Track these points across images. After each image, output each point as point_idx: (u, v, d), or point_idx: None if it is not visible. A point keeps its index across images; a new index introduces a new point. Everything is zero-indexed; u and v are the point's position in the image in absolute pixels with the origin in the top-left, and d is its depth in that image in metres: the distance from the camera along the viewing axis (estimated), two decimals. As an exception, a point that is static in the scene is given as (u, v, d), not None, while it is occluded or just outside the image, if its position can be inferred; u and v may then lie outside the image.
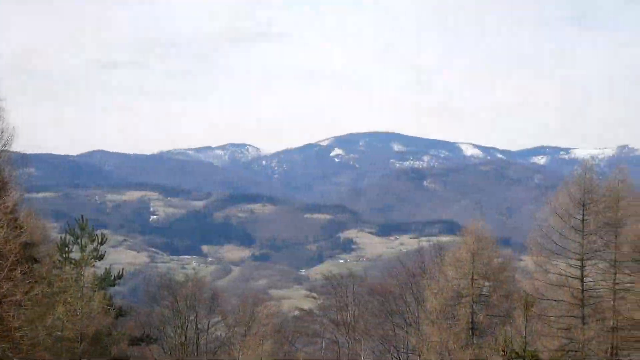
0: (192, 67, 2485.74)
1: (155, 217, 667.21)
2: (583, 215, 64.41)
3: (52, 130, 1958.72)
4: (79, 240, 78.98)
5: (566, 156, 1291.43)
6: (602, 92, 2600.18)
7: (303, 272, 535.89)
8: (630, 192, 64.71)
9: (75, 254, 78.44)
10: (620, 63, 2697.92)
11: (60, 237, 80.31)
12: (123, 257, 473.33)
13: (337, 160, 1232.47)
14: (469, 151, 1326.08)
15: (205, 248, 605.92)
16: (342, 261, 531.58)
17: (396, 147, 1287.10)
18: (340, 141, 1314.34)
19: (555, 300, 65.46)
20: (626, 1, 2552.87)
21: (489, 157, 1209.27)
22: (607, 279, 63.97)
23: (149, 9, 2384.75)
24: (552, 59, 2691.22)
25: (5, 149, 54.55)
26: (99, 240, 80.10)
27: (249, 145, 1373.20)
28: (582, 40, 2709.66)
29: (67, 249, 78.23)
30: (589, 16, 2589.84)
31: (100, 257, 79.90)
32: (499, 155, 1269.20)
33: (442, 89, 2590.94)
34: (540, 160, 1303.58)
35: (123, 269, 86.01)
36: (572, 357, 62.11)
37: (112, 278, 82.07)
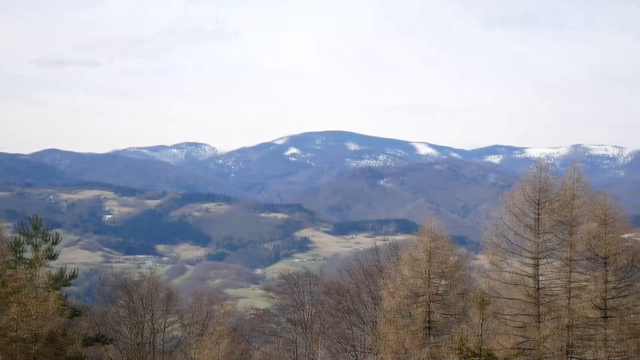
0: (146, 65, 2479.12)
1: (109, 216, 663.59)
2: (538, 214, 64.78)
3: (3, 129, 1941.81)
4: (32, 240, 78.26)
5: (520, 155, 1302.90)
6: (556, 92, 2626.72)
7: (259, 271, 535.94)
8: (584, 190, 65.16)
9: (29, 254, 77.75)
10: (573, 63, 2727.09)
11: (14, 237, 79.50)
12: (77, 256, 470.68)
13: (292, 159, 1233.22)
14: (424, 150, 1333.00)
15: (160, 247, 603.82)
16: (298, 260, 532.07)
17: (352, 146, 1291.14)
18: (295, 140, 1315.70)
19: (510, 299, 65.76)
20: (577, 2, 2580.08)
21: (444, 156, 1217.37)
22: (562, 278, 64.40)
23: (101, 6, 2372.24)
24: (506, 59, 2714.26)
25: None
26: (53, 240, 79.36)
27: (205, 144, 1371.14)
28: (536, 40, 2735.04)
29: (20, 248, 77.47)
30: (542, 17, 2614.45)
31: (54, 257, 79.15)
32: (454, 155, 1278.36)
33: (396, 89, 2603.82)
34: (495, 159, 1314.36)
35: (77, 269, 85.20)
36: (527, 355, 62.47)
37: (66, 278, 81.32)
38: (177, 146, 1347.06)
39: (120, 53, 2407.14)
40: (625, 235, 64.24)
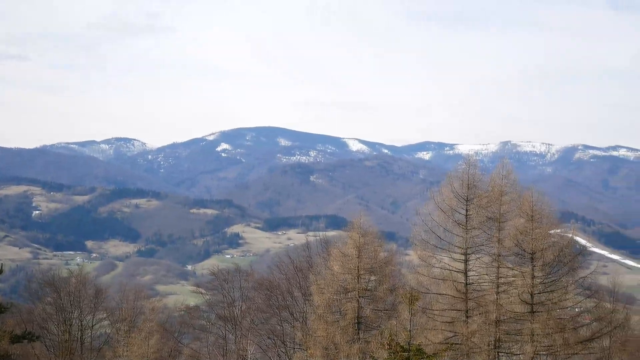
0: (76, 60, 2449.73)
1: (37, 212, 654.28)
2: (466, 210, 65.25)
3: None
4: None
5: (450, 152, 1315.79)
6: (485, 89, 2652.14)
7: (189, 267, 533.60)
8: (512, 187, 65.73)
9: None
10: (502, 61, 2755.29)
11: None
12: (4, 253, 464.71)
13: (223, 154, 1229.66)
14: (354, 146, 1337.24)
15: (89, 243, 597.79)
16: (228, 256, 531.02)
17: (283, 141, 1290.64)
18: (226, 136, 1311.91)
19: (439, 294, 66.14)
20: (505, 2, 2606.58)
21: (374, 153, 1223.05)
22: (490, 273, 64.90)
23: (31, 0, 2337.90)
24: (437, 56, 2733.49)
25: None
26: (-21, 236, 78.05)
27: (135, 139, 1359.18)
28: (465, 38, 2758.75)
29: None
30: (472, 15, 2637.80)
31: (-20, 254, 77.92)
32: (385, 151, 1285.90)
33: (328, 85, 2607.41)
34: (425, 155, 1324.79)
35: (2, 264, 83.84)
36: (455, 350, 62.88)
37: (-7, 274, 79.95)
38: (106, 141, 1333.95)
39: (50, 47, 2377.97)
40: (552, 231, 64.93)
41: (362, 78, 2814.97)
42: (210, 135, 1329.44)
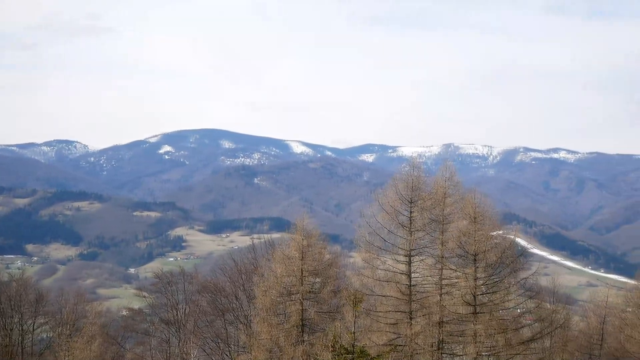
0: (16, 60, 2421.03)
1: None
2: (410, 212, 65.50)
3: None
4: None
5: (393, 154, 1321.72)
6: (427, 91, 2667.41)
7: (132, 270, 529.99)
8: (456, 189, 66.12)
9: None
10: (443, 64, 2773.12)
11: None
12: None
13: (166, 157, 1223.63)
14: (298, 149, 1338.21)
15: (29, 247, 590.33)
16: (171, 259, 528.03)
17: (226, 144, 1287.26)
18: (169, 138, 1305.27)
19: (383, 296, 66.28)
20: (448, 3, 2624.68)
21: (318, 155, 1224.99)
22: (434, 274, 65.23)
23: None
24: (378, 58, 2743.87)
25: None
26: None
27: (76, 141, 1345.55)
28: (405, 41, 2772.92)
29: None
30: (415, 18, 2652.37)
31: None
32: (328, 153, 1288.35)
33: (270, 87, 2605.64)
34: (369, 157, 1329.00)
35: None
36: (399, 351, 63.05)
37: None
38: (47, 143, 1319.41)
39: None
40: (495, 233, 65.42)
41: (303, 80, 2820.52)
42: (152, 137, 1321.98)
